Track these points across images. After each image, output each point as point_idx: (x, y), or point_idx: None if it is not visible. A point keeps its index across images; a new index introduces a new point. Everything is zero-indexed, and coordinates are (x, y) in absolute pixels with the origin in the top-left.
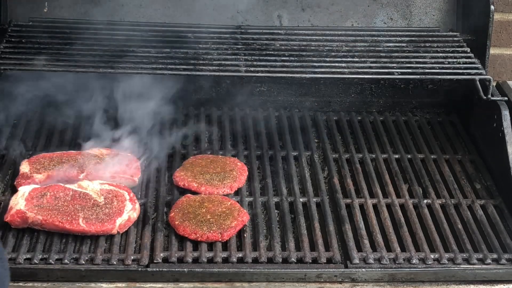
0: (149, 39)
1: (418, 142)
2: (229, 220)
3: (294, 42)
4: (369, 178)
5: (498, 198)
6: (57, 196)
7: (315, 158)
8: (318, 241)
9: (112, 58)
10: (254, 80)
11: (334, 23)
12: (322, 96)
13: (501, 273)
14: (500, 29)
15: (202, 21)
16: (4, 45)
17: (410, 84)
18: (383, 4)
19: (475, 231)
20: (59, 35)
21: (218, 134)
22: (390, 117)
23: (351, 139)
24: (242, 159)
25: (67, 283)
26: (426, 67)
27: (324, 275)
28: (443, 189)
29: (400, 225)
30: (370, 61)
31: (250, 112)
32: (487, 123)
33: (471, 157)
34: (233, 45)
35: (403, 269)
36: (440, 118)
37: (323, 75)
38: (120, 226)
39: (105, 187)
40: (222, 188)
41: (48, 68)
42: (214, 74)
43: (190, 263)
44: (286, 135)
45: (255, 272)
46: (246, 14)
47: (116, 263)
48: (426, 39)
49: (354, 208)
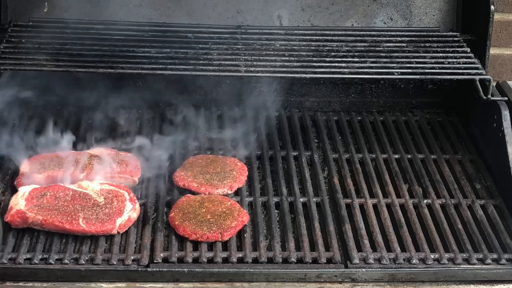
0: (149, 39)
1: (418, 142)
2: (229, 220)
3: (294, 42)
4: (369, 178)
5: (498, 198)
6: (57, 196)
7: (315, 158)
8: (318, 241)
9: (112, 58)
10: (254, 80)
11: (334, 23)
12: (322, 96)
13: (501, 273)
14: (500, 29)
15: (202, 21)
16: (4, 45)
17: (410, 84)
18: (383, 4)
19: (475, 231)
20: (59, 35)
21: (218, 134)
22: (390, 117)
23: (351, 139)
24: (242, 159)
25: (67, 283)
26: (426, 67)
27: (324, 275)
28: (443, 189)
29: (400, 225)
30: (370, 61)
31: (250, 112)
32: (487, 123)
33: (471, 157)
34: (233, 45)
35: (403, 269)
36: (440, 118)
37: (323, 75)
38: (120, 226)
39: (105, 187)
40: (222, 188)
41: (48, 68)
42: (214, 74)
43: (190, 263)
44: (286, 135)
45: (255, 272)
46: (246, 14)
47: (116, 263)
48: (426, 39)
49: (354, 208)
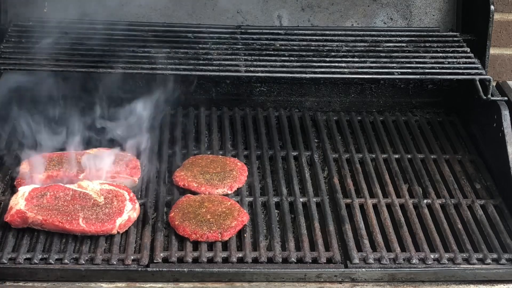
0: (149, 39)
1: (418, 142)
2: (229, 220)
3: (294, 42)
4: (369, 178)
5: (498, 198)
6: (57, 196)
7: (315, 158)
8: (318, 241)
9: (112, 58)
10: (254, 80)
11: (334, 23)
12: (322, 96)
13: (501, 273)
14: (500, 29)
15: (202, 21)
16: (4, 45)
17: (410, 84)
18: (383, 4)
19: (475, 231)
20: (59, 35)
21: (218, 134)
22: (390, 117)
23: (351, 139)
24: (242, 159)
25: (67, 283)
26: (426, 67)
27: (324, 275)
28: (443, 189)
29: (400, 225)
30: (370, 61)
31: (250, 112)
32: (487, 123)
33: (471, 157)
34: (233, 45)
35: (403, 269)
36: (440, 118)
37: (323, 75)
38: (120, 226)
39: (105, 187)
40: (222, 188)
41: (48, 68)
42: (214, 74)
43: (190, 263)
44: (286, 135)
45: (255, 272)
46: (246, 14)
47: (116, 263)
48: (426, 39)
49: (354, 208)
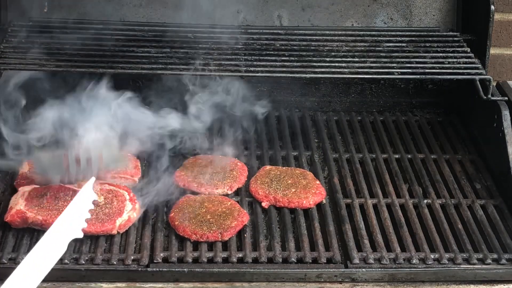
0: (149, 39)
1: (418, 142)
2: (229, 220)
3: (294, 42)
4: (369, 178)
5: (498, 198)
6: (57, 196)
7: (315, 158)
8: (318, 241)
9: (112, 58)
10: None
11: (334, 23)
12: (322, 96)
13: (501, 273)
14: (500, 29)
15: (202, 21)
16: (4, 45)
17: (410, 84)
18: (383, 4)
19: (475, 231)
20: (59, 35)
21: (219, 134)
22: (390, 117)
23: (351, 139)
24: (242, 159)
25: (67, 283)
26: (426, 67)
27: (324, 275)
28: (443, 189)
29: (400, 225)
30: (370, 61)
31: (249, 112)
32: (487, 123)
33: (471, 157)
34: (233, 45)
35: (403, 269)
36: (440, 118)
37: (323, 75)
38: (120, 226)
39: (105, 187)
40: (222, 188)
41: (48, 68)
42: (214, 74)
43: (190, 263)
44: (286, 135)
45: (255, 272)
46: (246, 14)
47: (116, 263)
48: (426, 39)
49: (354, 208)
